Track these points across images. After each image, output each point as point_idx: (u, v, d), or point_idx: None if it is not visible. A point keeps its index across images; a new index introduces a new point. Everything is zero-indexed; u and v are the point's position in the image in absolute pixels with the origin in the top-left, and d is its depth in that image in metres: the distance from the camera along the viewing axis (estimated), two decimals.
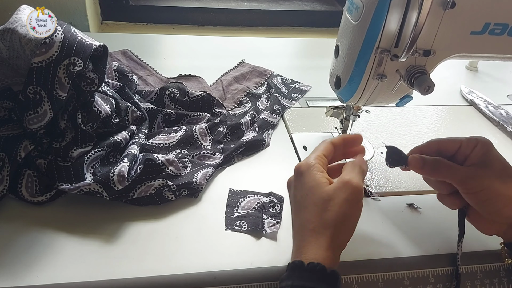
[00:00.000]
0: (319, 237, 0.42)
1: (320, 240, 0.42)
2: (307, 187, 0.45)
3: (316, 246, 0.42)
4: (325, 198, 0.43)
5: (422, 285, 0.51)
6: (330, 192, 0.44)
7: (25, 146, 0.55)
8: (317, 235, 0.43)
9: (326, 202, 0.43)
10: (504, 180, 0.47)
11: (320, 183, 0.45)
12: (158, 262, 0.49)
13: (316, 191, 0.44)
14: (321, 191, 0.44)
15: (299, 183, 0.46)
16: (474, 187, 0.47)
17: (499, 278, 0.53)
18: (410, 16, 0.49)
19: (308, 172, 0.46)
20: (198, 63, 0.91)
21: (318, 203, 0.44)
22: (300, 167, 0.47)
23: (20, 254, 0.48)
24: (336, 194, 0.43)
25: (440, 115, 0.82)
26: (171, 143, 0.63)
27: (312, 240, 0.43)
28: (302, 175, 0.46)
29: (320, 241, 0.42)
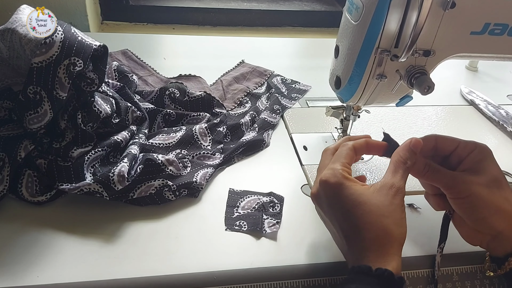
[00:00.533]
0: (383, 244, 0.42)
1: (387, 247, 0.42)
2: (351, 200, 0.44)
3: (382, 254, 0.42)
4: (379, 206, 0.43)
5: (422, 285, 0.51)
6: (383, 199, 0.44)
7: (25, 146, 0.55)
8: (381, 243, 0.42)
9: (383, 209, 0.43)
10: (492, 190, 0.46)
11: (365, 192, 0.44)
12: (158, 262, 0.49)
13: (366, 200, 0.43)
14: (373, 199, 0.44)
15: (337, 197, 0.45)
16: (461, 193, 0.47)
17: (499, 278, 0.53)
18: (410, 16, 0.49)
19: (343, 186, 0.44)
20: (198, 63, 0.91)
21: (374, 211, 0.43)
22: (329, 179, 0.45)
23: (20, 254, 0.48)
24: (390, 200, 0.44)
25: (440, 115, 0.82)
26: (171, 143, 0.63)
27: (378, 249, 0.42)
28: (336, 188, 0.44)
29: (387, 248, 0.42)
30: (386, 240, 0.42)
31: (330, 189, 0.45)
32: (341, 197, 0.44)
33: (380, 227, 0.42)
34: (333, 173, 0.45)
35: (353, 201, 0.44)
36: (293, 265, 0.50)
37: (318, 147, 0.69)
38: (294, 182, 0.63)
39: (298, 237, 0.54)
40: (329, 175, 0.45)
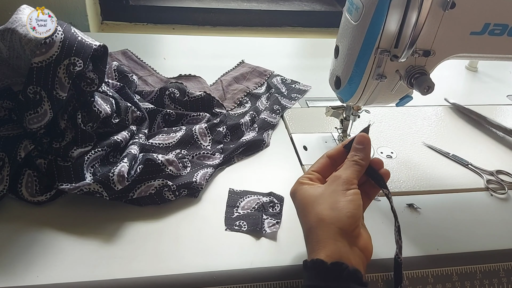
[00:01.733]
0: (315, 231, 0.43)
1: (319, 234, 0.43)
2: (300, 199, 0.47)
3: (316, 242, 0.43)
4: (316, 195, 0.45)
5: (422, 285, 0.51)
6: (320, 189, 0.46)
7: (25, 146, 0.55)
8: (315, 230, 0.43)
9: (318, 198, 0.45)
10: None
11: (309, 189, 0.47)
12: (158, 262, 0.49)
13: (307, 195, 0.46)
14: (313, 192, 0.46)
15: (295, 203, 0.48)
16: None
17: (499, 278, 0.53)
18: (410, 17, 0.49)
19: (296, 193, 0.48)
20: (198, 63, 0.91)
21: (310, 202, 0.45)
22: (291, 191, 0.49)
23: (20, 254, 0.48)
24: (326, 188, 0.46)
25: (440, 115, 0.82)
26: (171, 143, 0.63)
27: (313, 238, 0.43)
28: (293, 196, 0.48)
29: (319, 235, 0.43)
30: (317, 227, 0.43)
31: (292, 198, 0.48)
32: (296, 201, 0.47)
33: (313, 215, 0.44)
34: (294, 184, 0.49)
35: (301, 200, 0.46)
36: (293, 265, 0.50)
37: (318, 147, 0.69)
38: (294, 182, 0.62)
39: (298, 237, 0.54)
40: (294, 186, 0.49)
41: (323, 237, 0.42)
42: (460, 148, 0.72)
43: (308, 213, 0.45)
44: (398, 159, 0.69)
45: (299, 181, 0.48)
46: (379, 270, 0.51)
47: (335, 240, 0.42)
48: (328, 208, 0.43)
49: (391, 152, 0.70)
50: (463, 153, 0.71)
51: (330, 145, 0.70)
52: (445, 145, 0.73)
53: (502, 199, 0.63)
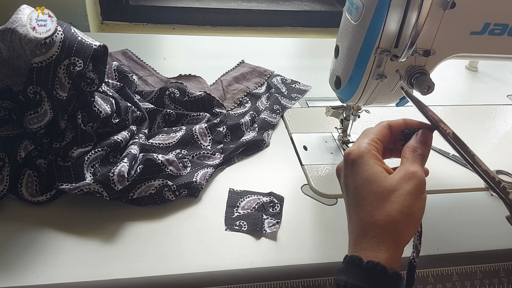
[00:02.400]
0: (382, 232, 0.38)
1: (383, 235, 0.38)
2: (363, 177, 0.41)
3: (377, 242, 0.38)
4: (388, 189, 0.39)
5: (422, 285, 0.51)
6: (394, 183, 0.40)
7: (25, 146, 0.55)
8: (380, 230, 0.38)
9: (390, 193, 0.39)
10: None
11: (379, 172, 0.40)
12: (158, 262, 0.49)
13: (376, 181, 0.40)
14: (383, 181, 0.40)
15: (352, 172, 0.42)
16: None
17: (499, 278, 0.53)
18: (410, 16, 0.49)
19: (362, 160, 0.41)
20: (198, 63, 0.91)
21: (380, 193, 0.39)
22: (350, 154, 0.42)
23: (20, 254, 0.48)
24: (400, 185, 0.39)
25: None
26: (171, 143, 0.63)
27: (374, 235, 0.38)
28: (354, 163, 0.41)
29: (384, 236, 0.38)
30: (384, 227, 0.38)
31: (350, 161, 0.42)
32: (356, 171, 0.41)
33: (382, 212, 0.38)
34: (358, 146, 0.42)
35: (365, 178, 0.40)
36: (293, 265, 0.50)
37: (318, 147, 0.69)
38: (294, 182, 0.63)
39: (298, 237, 0.54)
40: (353, 148, 0.42)
41: (387, 242, 0.38)
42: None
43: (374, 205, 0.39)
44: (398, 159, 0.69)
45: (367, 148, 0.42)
46: None
47: (397, 249, 0.39)
48: (400, 211, 0.39)
49: None
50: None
51: (330, 145, 0.70)
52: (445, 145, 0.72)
53: None
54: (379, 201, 0.39)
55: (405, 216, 0.39)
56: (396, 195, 0.39)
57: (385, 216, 0.38)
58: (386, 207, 0.39)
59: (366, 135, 0.44)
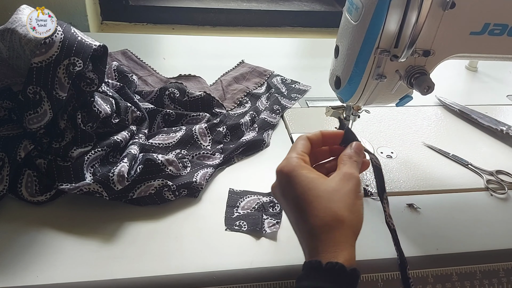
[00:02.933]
0: (334, 231, 0.40)
1: (336, 235, 0.40)
2: (302, 186, 0.42)
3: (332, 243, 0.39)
4: (330, 191, 0.41)
5: (422, 285, 0.51)
6: (334, 184, 0.42)
7: (25, 146, 0.55)
8: (331, 230, 0.40)
9: (333, 194, 0.41)
10: None
11: (316, 179, 0.43)
12: (158, 262, 0.49)
13: (316, 186, 0.42)
14: (323, 185, 0.42)
15: (289, 185, 0.43)
16: None
17: (499, 278, 0.53)
18: (409, 16, 0.49)
19: (295, 172, 0.43)
20: (198, 63, 0.91)
21: (323, 197, 0.41)
22: (282, 169, 0.44)
23: (20, 254, 0.48)
24: (341, 185, 0.42)
25: (440, 115, 0.82)
26: (171, 143, 0.63)
27: (327, 237, 0.40)
28: (289, 176, 0.43)
29: (336, 236, 0.40)
30: (335, 227, 0.40)
31: (283, 177, 0.44)
32: (292, 184, 0.43)
33: (329, 212, 0.40)
34: (288, 161, 0.44)
35: (303, 186, 0.42)
36: (293, 265, 0.50)
37: None
38: None
39: None
40: (284, 163, 0.44)
41: (341, 240, 0.40)
42: (460, 148, 0.72)
43: (320, 208, 0.41)
44: (398, 159, 0.69)
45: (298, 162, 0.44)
46: (379, 270, 0.51)
47: (351, 245, 0.40)
48: (346, 209, 0.41)
49: (391, 152, 0.70)
50: (463, 153, 0.71)
51: None
52: (445, 145, 0.73)
53: (502, 199, 0.63)
54: (324, 203, 0.41)
55: (351, 213, 0.41)
56: (339, 194, 0.41)
57: (333, 216, 0.40)
58: (332, 207, 0.41)
59: (291, 151, 0.47)
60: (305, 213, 0.42)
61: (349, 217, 0.41)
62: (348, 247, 0.40)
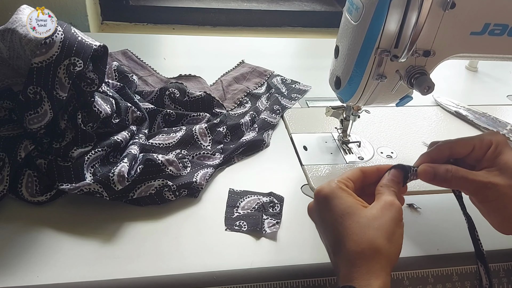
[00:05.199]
0: (370, 259, 0.39)
1: (371, 262, 0.39)
2: (341, 209, 0.42)
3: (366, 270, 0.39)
4: (370, 218, 0.41)
5: (422, 285, 0.51)
6: (375, 212, 0.41)
7: (25, 146, 0.55)
8: (368, 258, 0.39)
9: (373, 221, 0.41)
10: None
11: (356, 204, 0.42)
12: (158, 262, 0.49)
13: (356, 212, 0.41)
14: (363, 211, 0.41)
15: (327, 207, 0.43)
16: (489, 197, 0.46)
17: (499, 278, 0.53)
18: (410, 17, 0.49)
19: (335, 195, 0.43)
20: (198, 63, 0.91)
21: (363, 223, 0.41)
22: (321, 190, 0.43)
23: (20, 254, 0.48)
24: (382, 213, 0.41)
25: (440, 115, 0.82)
26: (171, 143, 0.63)
27: (362, 263, 0.39)
28: (328, 199, 0.43)
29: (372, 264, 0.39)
30: (371, 256, 0.39)
31: (322, 199, 0.43)
32: (331, 206, 0.42)
33: (367, 239, 0.40)
34: (328, 184, 0.44)
35: (342, 210, 0.42)
36: (293, 265, 0.50)
37: (318, 147, 0.69)
38: (294, 182, 0.63)
39: (298, 237, 0.54)
40: (324, 185, 0.44)
41: (376, 268, 0.39)
42: None
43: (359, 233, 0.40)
44: (398, 159, 0.69)
45: (337, 185, 0.43)
46: None
47: (387, 274, 0.40)
48: (384, 237, 0.40)
49: (391, 152, 0.70)
50: None
51: (330, 145, 0.70)
52: None
53: None
54: (364, 230, 0.40)
55: (389, 242, 0.40)
56: (379, 222, 0.41)
57: (369, 244, 0.40)
58: (370, 234, 0.40)
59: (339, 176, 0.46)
60: (343, 236, 0.41)
61: (386, 246, 0.40)
62: (383, 275, 0.39)
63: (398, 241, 0.41)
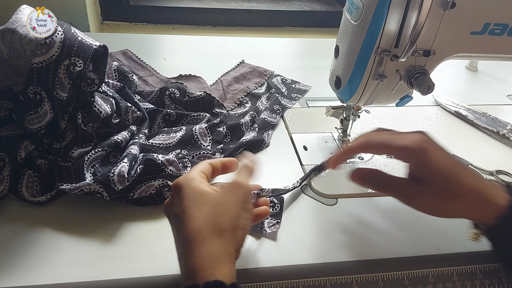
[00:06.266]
0: (212, 246, 0.38)
1: (212, 248, 0.38)
2: (190, 199, 0.41)
3: (208, 258, 0.37)
4: (214, 204, 0.40)
5: (422, 285, 0.51)
6: (219, 196, 0.41)
7: (26, 146, 0.55)
8: (210, 245, 0.38)
9: (217, 206, 0.40)
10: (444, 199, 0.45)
11: (206, 191, 0.41)
12: (158, 262, 0.49)
13: (202, 198, 0.41)
14: (209, 197, 0.41)
15: (179, 197, 0.41)
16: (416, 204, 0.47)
17: (499, 278, 0.53)
18: (410, 16, 0.49)
19: (189, 184, 0.42)
20: (198, 63, 0.91)
21: (207, 209, 0.40)
22: (178, 181, 0.43)
23: (20, 254, 0.48)
24: (227, 197, 0.41)
25: (440, 115, 0.82)
26: (171, 143, 0.63)
27: (202, 252, 0.38)
28: (183, 188, 0.42)
29: (212, 249, 0.38)
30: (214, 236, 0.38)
31: (178, 189, 0.42)
32: (185, 194, 0.41)
33: (209, 224, 0.38)
34: (184, 176, 0.43)
35: (194, 196, 0.41)
36: (293, 265, 0.50)
37: (318, 147, 0.69)
38: (294, 182, 0.62)
39: (298, 237, 0.54)
40: (180, 178, 0.43)
41: (219, 255, 0.38)
42: (460, 148, 0.72)
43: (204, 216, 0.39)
44: None
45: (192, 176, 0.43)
46: (379, 270, 0.51)
47: (231, 262, 0.39)
48: (228, 223, 0.39)
49: None
50: (463, 153, 0.71)
51: (330, 145, 0.70)
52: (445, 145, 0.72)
53: None
54: (207, 216, 0.39)
55: (233, 226, 0.39)
56: (223, 206, 0.40)
57: (214, 225, 0.39)
58: (215, 220, 0.39)
59: (192, 169, 0.45)
60: (185, 228, 0.39)
61: (230, 229, 0.39)
62: (226, 262, 0.38)
63: (243, 225, 0.40)
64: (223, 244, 0.39)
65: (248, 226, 0.41)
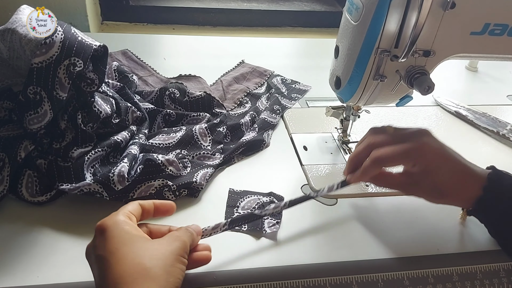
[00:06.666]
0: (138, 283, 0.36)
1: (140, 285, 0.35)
2: (118, 240, 0.38)
3: None
4: (146, 247, 0.39)
5: (422, 285, 0.51)
6: (156, 244, 0.40)
7: (25, 146, 0.55)
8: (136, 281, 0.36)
9: (149, 251, 0.38)
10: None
11: (138, 235, 0.40)
12: None
13: (132, 240, 0.39)
14: (140, 240, 0.39)
15: (104, 238, 0.39)
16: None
17: (499, 278, 0.53)
18: (410, 17, 0.49)
19: (116, 225, 0.39)
20: (198, 63, 0.91)
21: (138, 252, 0.38)
22: (103, 222, 0.40)
23: (20, 254, 0.48)
24: (163, 245, 0.40)
25: (440, 115, 0.82)
26: (171, 143, 0.63)
27: None
28: (109, 229, 0.39)
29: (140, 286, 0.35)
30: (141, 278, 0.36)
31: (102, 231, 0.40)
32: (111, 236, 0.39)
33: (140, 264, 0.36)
34: (110, 216, 0.41)
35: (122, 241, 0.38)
36: (293, 265, 0.50)
37: (318, 147, 0.69)
38: (294, 182, 0.63)
39: (298, 237, 0.54)
40: (106, 218, 0.41)
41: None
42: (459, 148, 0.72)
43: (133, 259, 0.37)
44: None
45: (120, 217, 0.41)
46: (379, 270, 0.51)
47: None
48: (160, 267, 0.37)
49: None
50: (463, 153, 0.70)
51: (330, 145, 0.70)
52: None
53: None
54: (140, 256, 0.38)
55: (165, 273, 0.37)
56: (158, 252, 0.39)
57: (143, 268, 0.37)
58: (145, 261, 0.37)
59: (120, 209, 0.43)
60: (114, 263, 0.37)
61: (161, 274, 0.37)
62: None
63: (176, 276, 0.38)
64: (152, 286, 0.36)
65: (181, 277, 0.39)
